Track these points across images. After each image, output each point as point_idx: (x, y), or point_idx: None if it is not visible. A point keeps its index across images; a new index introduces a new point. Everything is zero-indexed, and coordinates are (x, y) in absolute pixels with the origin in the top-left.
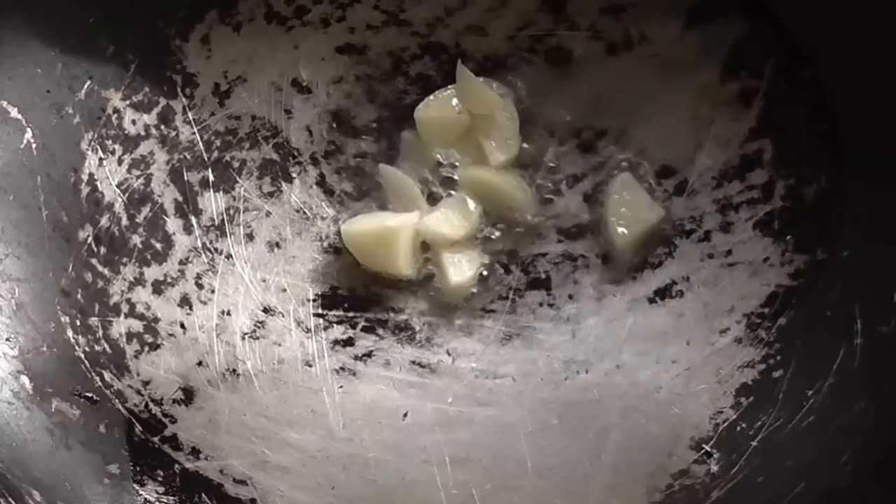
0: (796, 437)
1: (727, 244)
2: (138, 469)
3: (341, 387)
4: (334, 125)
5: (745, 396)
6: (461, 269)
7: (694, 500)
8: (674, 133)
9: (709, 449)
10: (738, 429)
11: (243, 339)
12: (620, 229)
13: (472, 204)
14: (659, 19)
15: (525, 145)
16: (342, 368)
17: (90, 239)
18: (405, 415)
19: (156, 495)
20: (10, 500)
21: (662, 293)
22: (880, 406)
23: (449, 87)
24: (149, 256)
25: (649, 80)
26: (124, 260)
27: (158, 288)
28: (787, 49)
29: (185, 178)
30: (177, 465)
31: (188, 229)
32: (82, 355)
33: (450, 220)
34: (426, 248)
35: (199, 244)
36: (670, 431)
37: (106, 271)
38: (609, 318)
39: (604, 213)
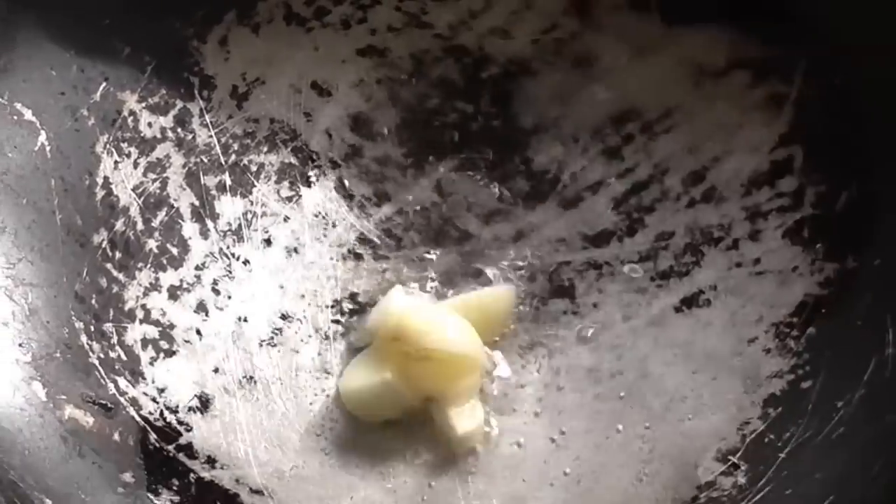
0: (825, 449)
1: (756, 252)
2: (153, 478)
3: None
4: (354, 128)
5: (774, 407)
6: (467, 417)
7: None
8: (702, 139)
9: (736, 461)
10: (766, 440)
11: (260, 345)
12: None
13: None
14: (686, 23)
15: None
16: None
17: (105, 243)
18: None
19: None
20: None
21: (689, 302)
22: None
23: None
24: (164, 261)
25: (677, 84)
26: (139, 265)
27: (174, 293)
28: (818, 54)
29: (202, 181)
30: (192, 475)
31: (205, 234)
32: (96, 361)
33: None
34: None
35: (216, 249)
36: (697, 442)
37: (121, 276)
38: (634, 327)
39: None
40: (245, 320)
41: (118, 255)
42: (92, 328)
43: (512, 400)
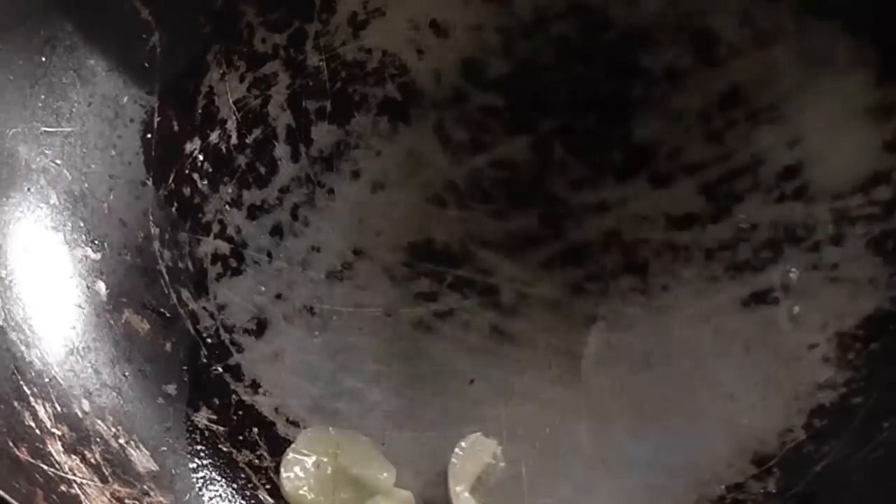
0: (861, 469)
1: (835, 258)
2: (195, 394)
3: (415, 342)
4: (463, 73)
5: (819, 418)
6: None
7: None
8: (806, 135)
9: (771, 466)
10: (805, 451)
11: (328, 277)
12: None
13: None
14: (817, 14)
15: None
16: (419, 323)
17: (197, 152)
18: (471, 381)
19: (206, 422)
20: (58, 406)
21: (758, 298)
22: None
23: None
24: (250, 179)
25: (794, 76)
26: (225, 179)
27: (253, 213)
28: None
29: (304, 104)
30: (234, 396)
31: (295, 157)
32: (164, 269)
33: None
34: None
35: (303, 174)
36: (735, 442)
37: (205, 188)
38: (699, 315)
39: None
40: (318, 250)
41: (207, 166)
42: (167, 236)
43: (562, 370)
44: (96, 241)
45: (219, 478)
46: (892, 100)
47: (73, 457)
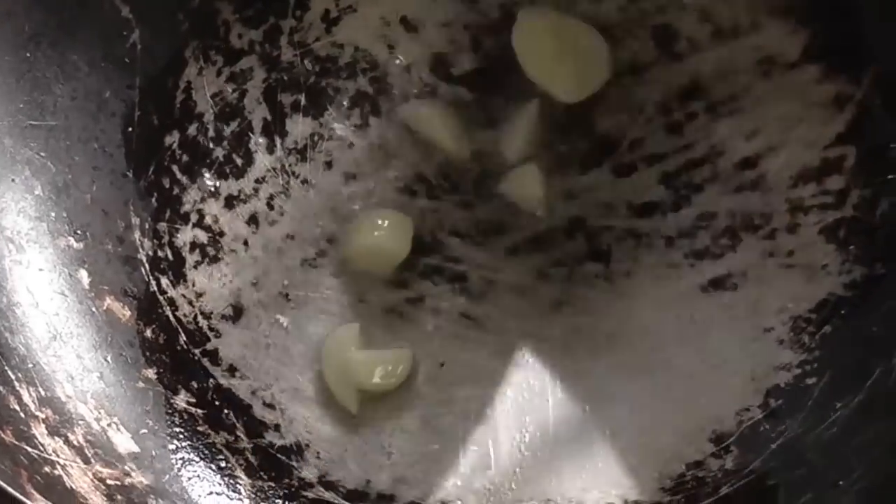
0: (815, 447)
1: (790, 245)
2: (174, 378)
3: (387, 327)
4: (433, 68)
5: (775, 398)
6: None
7: (702, 493)
8: (761, 127)
9: (728, 445)
10: (762, 429)
11: (302, 264)
12: None
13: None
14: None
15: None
16: (392, 309)
17: (175, 145)
18: (442, 364)
19: (185, 405)
20: (42, 390)
21: (717, 284)
22: None
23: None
24: (227, 170)
25: (749, 70)
26: (203, 171)
27: (230, 203)
28: (891, 57)
29: (279, 98)
30: (211, 380)
31: (270, 149)
32: (144, 258)
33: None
34: None
35: (279, 165)
36: (694, 421)
37: (184, 179)
38: (660, 300)
39: None
40: (292, 238)
41: (185, 158)
42: (147, 225)
43: (528, 352)
44: (79, 231)
45: (197, 458)
46: (845, 93)
47: (57, 439)
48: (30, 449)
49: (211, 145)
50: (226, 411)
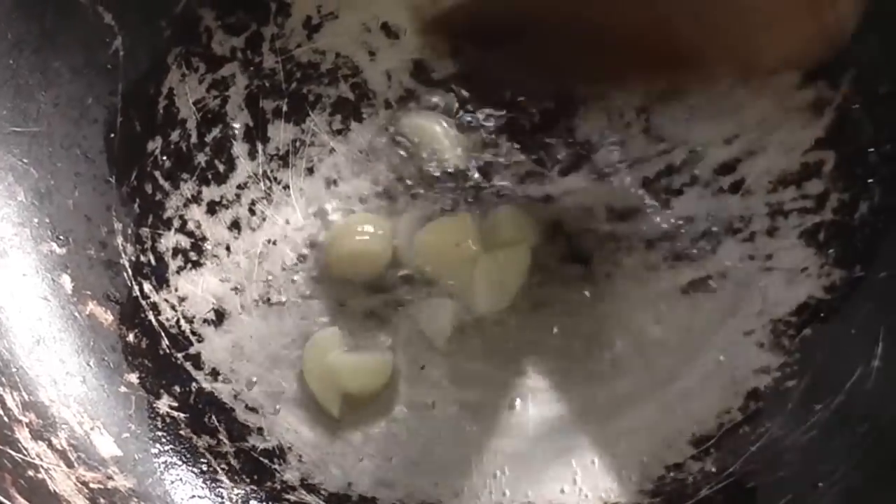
0: (795, 449)
1: (770, 248)
2: (157, 382)
3: (367, 331)
4: (414, 73)
5: (755, 401)
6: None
7: (683, 495)
8: (741, 132)
9: (708, 447)
10: (741, 432)
11: (283, 269)
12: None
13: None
14: None
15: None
16: (372, 314)
17: (158, 151)
18: (422, 367)
19: (167, 409)
20: (25, 394)
21: (696, 286)
22: (878, 434)
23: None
24: (209, 176)
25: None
26: (185, 176)
27: (213, 208)
28: (869, 62)
29: (260, 104)
30: (194, 384)
31: (252, 155)
32: (127, 263)
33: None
34: None
35: (260, 171)
36: (674, 423)
37: (166, 185)
38: (640, 302)
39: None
40: (274, 243)
41: (168, 164)
42: (129, 231)
43: (508, 351)
44: (62, 237)
45: (180, 462)
46: (824, 98)
47: (40, 443)
48: (13, 453)
49: (193, 151)
50: (208, 415)
